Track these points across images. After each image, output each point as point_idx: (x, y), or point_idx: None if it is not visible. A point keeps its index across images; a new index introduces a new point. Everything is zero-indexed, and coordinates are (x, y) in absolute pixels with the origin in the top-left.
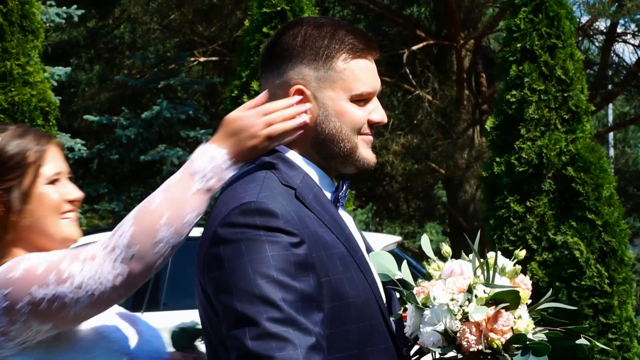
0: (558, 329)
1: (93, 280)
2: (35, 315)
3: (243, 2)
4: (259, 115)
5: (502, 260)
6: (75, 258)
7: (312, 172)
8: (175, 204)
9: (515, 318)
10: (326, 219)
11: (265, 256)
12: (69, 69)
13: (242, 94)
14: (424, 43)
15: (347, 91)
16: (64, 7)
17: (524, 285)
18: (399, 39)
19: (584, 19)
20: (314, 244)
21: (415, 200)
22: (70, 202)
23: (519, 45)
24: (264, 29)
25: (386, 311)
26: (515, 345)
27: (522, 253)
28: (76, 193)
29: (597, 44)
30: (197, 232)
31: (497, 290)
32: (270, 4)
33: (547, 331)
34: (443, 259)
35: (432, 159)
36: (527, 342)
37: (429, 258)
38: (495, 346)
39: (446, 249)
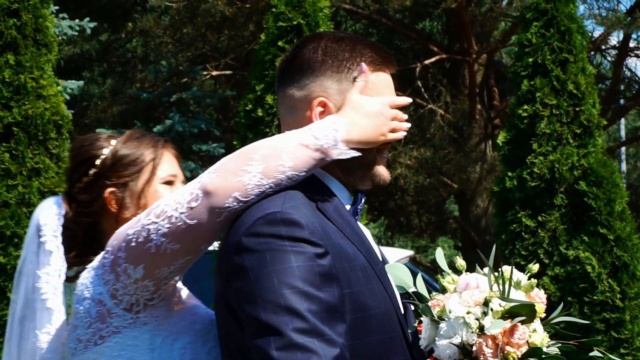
0: (571, 342)
1: (170, 205)
2: (129, 259)
3: (255, 16)
4: (385, 105)
5: (517, 275)
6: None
7: (331, 185)
8: (275, 146)
9: (530, 331)
10: (347, 230)
11: (291, 267)
12: (81, 82)
13: (257, 108)
14: (437, 57)
15: None
16: (77, 20)
17: (539, 299)
18: (412, 53)
19: (596, 33)
20: (337, 255)
21: (427, 214)
22: None
23: (530, 59)
24: (280, 43)
25: (405, 323)
26: (531, 359)
27: (535, 267)
28: None
29: (609, 58)
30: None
31: (513, 304)
32: (286, 18)
33: (560, 345)
34: (457, 272)
35: (444, 173)
36: (543, 356)
37: (444, 271)
38: (511, 359)
39: (460, 262)
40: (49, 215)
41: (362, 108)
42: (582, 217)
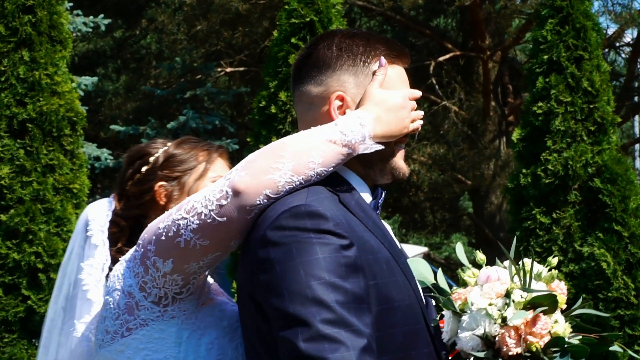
0: (592, 335)
1: (200, 202)
2: (158, 252)
3: (269, 12)
4: (405, 98)
5: (537, 267)
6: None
7: (351, 179)
8: (304, 142)
9: (552, 322)
10: (369, 224)
11: (317, 258)
12: (95, 78)
13: (270, 104)
14: (451, 54)
15: None
16: (91, 17)
17: (560, 290)
18: (426, 50)
19: (610, 30)
20: (361, 247)
21: (441, 211)
22: None
23: (545, 56)
24: (293, 40)
25: (428, 316)
26: (553, 349)
27: (554, 260)
28: None
29: (623, 55)
30: None
31: (534, 294)
32: (299, 14)
33: (581, 337)
34: (477, 266)
35: (458, 170)
36: (566, 345)
37: (464, 266)
38: (534, 349)
39: (481, 256)
40: (98, 211)
41: (384, 102)
42: (597, 214)
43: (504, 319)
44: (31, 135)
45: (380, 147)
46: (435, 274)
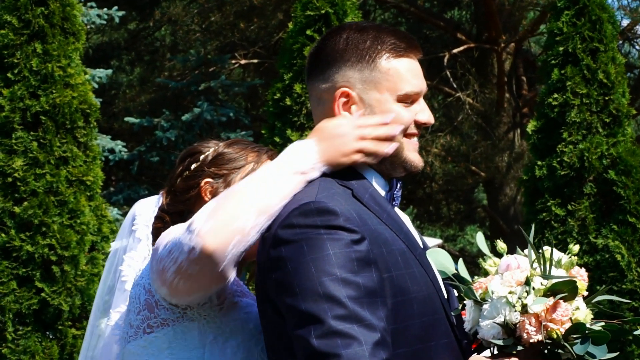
0: (615, 321)
1: (175, 247)
2: (157, 278)
3: (284, 4)
4: (354, 127)
5: (557, 254)
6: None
7: (366, 173)
8: (259, 183)
9: (573, 309)
10: (384, 217)
11: (327, 254)
12: (109, 71)
13: (285, 96)
14: (465, 46)
15: (393, 92)
16: (105, 9)
17: (580, 277)
18: (440, 42)
19: (625, 22)
20: (374, 240)
21: (456, 203)
22: None
23: (561, 48)
24: (308, 32)
25: (448, 306)
26: (574, 335)
27: (575, 248)
28: None
29: (637, 47)
30: None
31: (554, 281)
32: (314, 7)
33: (604, 323)
34: (498, 255)
35: (472, 161)
36: (587, 332)
37: (485, 255)
38: (555, 336)
39: (502, 245)
40: (145, 207)
41: (322, 131)
42: (612, 205)
43: (524, 307)
44: (44, 128)
45: (327, 169)
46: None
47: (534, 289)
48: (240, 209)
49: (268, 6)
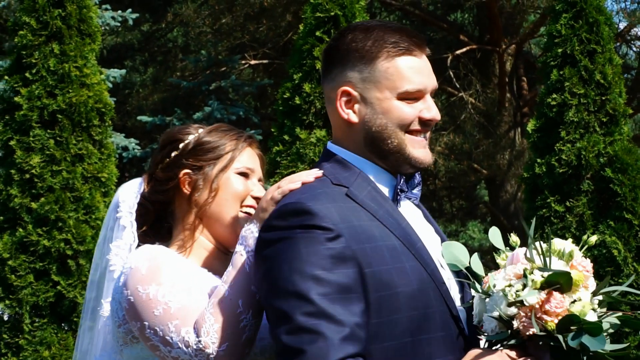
0: (629, 313)
1: (181, 343)
2: (139, 333)
3: (293, 6)
4: (275, 188)
5: (568, 246)
6: (183, 324)
7: (368, 170)
8: (240, 284)
9: (573, 300)
10: (379, 214)
11: (300, 253)
12: (123, 71)
13: (294, 96)
14: (467, 47)
15: (394, 90)
16: (119, 11)
17: (582, 268)
18: (443, 43)
19: (622, 24)
20: (357, 237)
21: (458, 200)
22: (255, 198)
23: (559, 50)
24: (317, 33)
25: (450, 299)
26: (573, 327)
27: (592, 238)
28: (261, 191)
29: (634, 49)
30: None
31: (547, 273)
32: (323, 9)
33: (620, 314)
34: (512, 249)
35: (474, 159)
36: (582, 324)
37: (499, 249)
38: (550, 328)
39: (514, 238)
40: (128, 193)
41: (259, 204)
42: (608, 202)
43: (520, 300)
44: (61, 126)
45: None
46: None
47: (531, 281)
48: (237, 315)
49: (277, 8)
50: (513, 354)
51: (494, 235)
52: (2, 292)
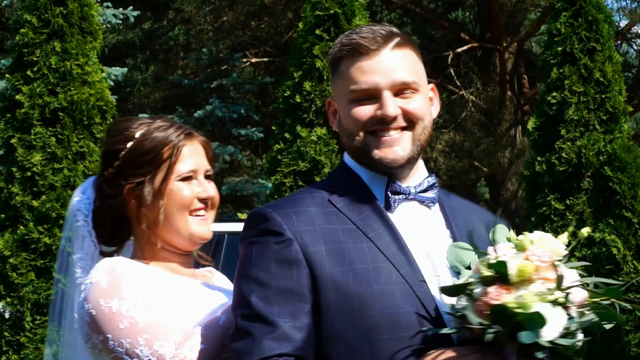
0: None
1: None
2: (112, 340)
3: (294, 4)
4: None
5: (550, 241)
6: (164, 339)
7: (363, 174)
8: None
9: (522, 292)
10: (355, 219)
11: (250, 257)
12: (125, 69)
13: (295, 94)
14: (468, 46)
15: (345, 94)
16: (121, 9)
17: (536, 257)
18: (444, 41)
19: (623, 23)
20: (316, 240)
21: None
22: (202, 200)
23: (559, 48)
24: (317, 31)
25: (429, 300)
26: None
27: (584, 231)
28: (209, 192)
29: (635, 47)
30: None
31: (486, 263)
32: (323, 7)
33: (594, 304)
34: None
35: (475, 157)
36: (512, 315)
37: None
38: (486, 321)
39: (512, 235)
40: (82, 201)
41: None
42: (608, 200)
43: (472, 294)
44: (62, 124)
45: None
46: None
47: (481, 274)
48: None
49: (278, 6)
50: (467, 349)
51: (499, 232)
52: (3, 289)
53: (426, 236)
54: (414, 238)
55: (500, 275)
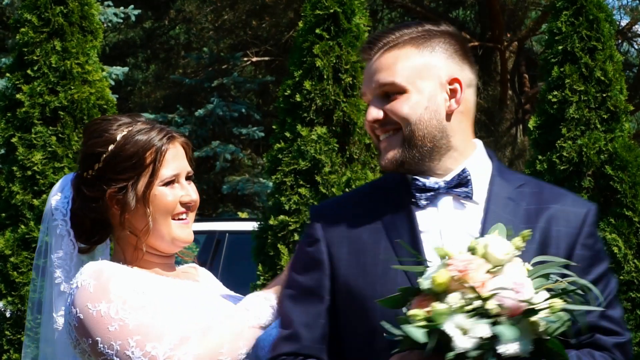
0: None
1: None
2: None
3: (294, 3)
4: None
5: (497, 247)
6: (157, 339)
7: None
8: (233, 336)
9: (436, 304)
10: (385, 219)
11: (295, 255)
12: (126, 68)
13: (295, 93)
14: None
15: None
16: (121, 8)
17: (454, 267)
18: None
19: (624, 22)
20: (342, 240)
21: None
22: (185, 204)
23: (560, 47)
24: (317, 31)
25: None
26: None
27: (517, 240)
28: (191, 196)
29: (636, 46)
30: (250, 226)
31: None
32: (323, 6)
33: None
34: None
35: None
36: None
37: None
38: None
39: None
40: (60, 200)
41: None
42: (609, 199)
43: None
44: (63, 123)
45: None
46: None
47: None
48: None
49: (279, 5)
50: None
51: (497, 230)
52: (4, 288)
53: (452, 234)
54: (437, 237)
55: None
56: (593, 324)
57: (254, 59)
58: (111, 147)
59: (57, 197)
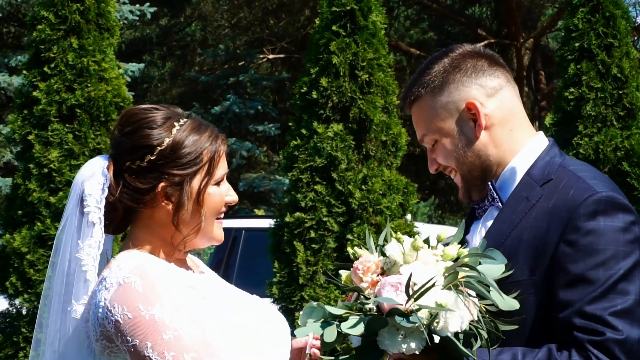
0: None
1: None
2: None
3: (311, 1)
4: None
5: (391, 246)
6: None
7: None
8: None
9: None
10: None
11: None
12: (142, 65)
13: (311, 90)
14: (485, 42)
15: None
16: (137, 5)
17: (359, 270)
18: (461, 37)
19: (639, 19)
20: None
21: None
22: (227, 204)
23: (577, 44)
24: (334, 27)
25: None
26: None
27: (416, 242)
28: (234, 197)
29: None
30: (266, 223)
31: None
32: (339, 3)
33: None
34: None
35: None
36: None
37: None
38: None
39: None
40: (94, 185)
41: None
42: (626, 196)
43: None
44: (79, 120)
45: None
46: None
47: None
48: None
49: (295, 2)
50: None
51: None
52: (20, 286)
53: (479, 237)
54: (477, 241)
55: None
56: (566, 321)
57: (270, 56)
58: (167, 140)
59: (89, 183)
